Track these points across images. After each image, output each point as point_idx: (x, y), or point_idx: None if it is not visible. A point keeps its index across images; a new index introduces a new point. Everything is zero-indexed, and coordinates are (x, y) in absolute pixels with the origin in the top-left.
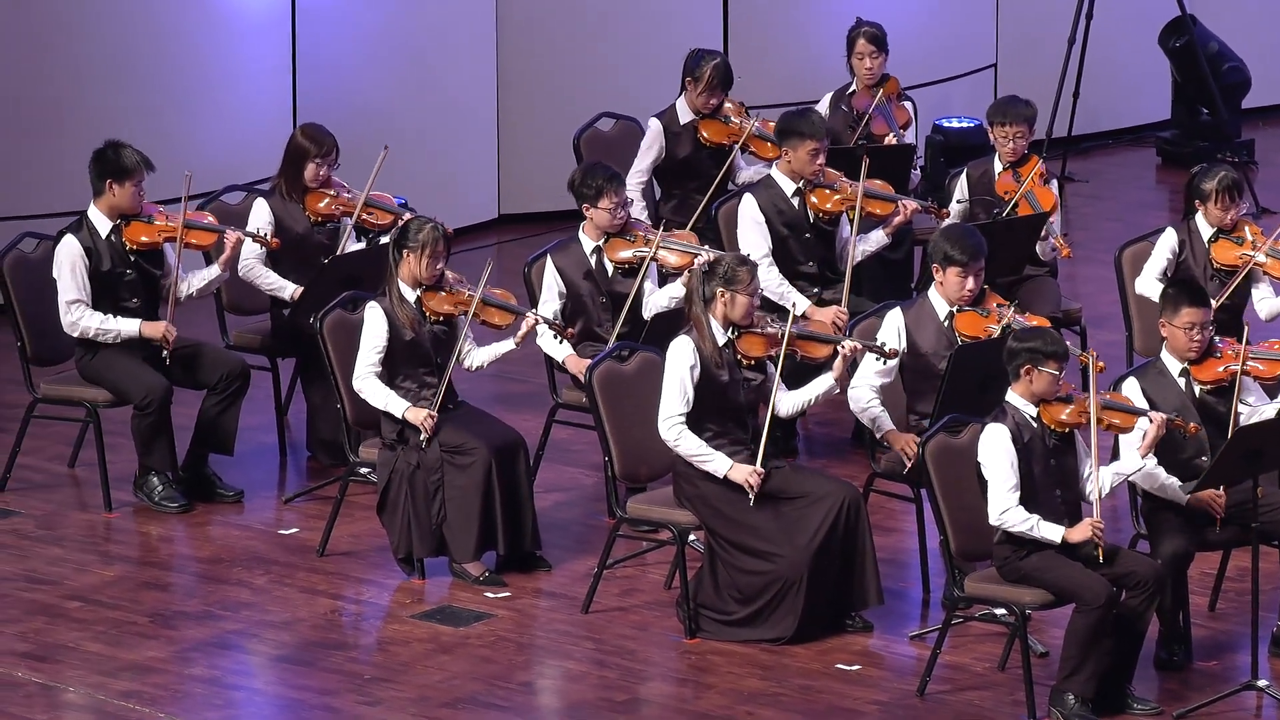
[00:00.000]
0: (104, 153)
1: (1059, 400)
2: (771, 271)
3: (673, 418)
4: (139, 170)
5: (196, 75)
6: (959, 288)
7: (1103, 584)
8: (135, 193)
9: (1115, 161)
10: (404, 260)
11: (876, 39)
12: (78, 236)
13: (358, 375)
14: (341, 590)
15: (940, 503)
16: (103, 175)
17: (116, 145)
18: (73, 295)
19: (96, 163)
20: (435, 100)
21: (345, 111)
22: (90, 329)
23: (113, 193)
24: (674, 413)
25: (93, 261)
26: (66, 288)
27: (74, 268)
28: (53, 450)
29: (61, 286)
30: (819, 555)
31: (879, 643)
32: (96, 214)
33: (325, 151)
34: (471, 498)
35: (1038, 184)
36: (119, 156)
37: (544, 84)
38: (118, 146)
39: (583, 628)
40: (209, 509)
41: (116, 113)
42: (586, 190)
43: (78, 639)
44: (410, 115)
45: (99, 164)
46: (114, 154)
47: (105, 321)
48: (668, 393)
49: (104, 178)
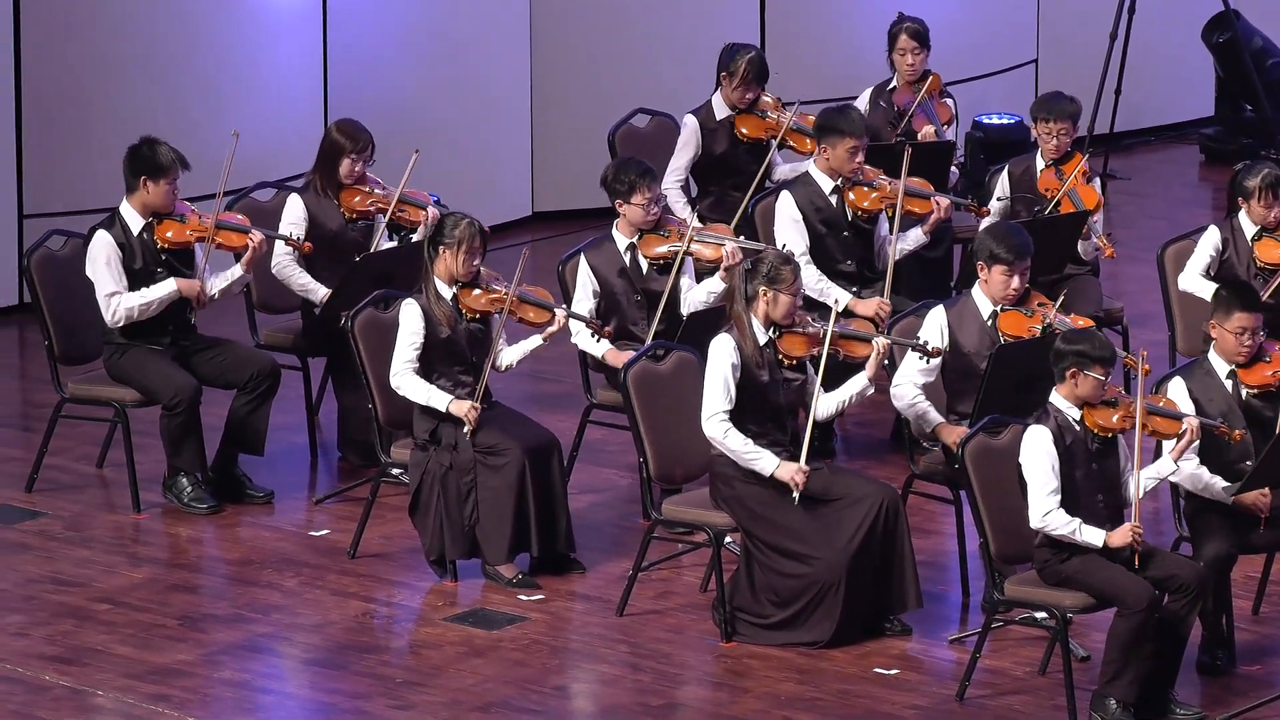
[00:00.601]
0: (140, 149)
1: (1103, 404)
2: (810, 269)
3: (718, 414)
4: (174, 169)
5: (227, 71)
6: (1003, 287)
7: (1145, 587)
8: (169, 191)
9: (1157, 159)
10: (440, 257)
11: (919, 35)
12: (110, 232)
13: (395, 372)
14: (373, 593)
15: (980, 504)
16: (137, 172)
17: (153, 142)
18: (110, 287)
19: (132, 159)
20: (468, 96)
21: (377, 107)
22: (134, 309)
23: (146, 190)
24: (718, 409)
25: (125, 257)
26: (104, 281)
27: (109, 260)
28: (80, 451)
29: (99, 281)
30: (857, 558)
31: (918, 646)
32: (129, 210)
33: (361, 148)
34: (505, 499)
35: (1081, 182)
36: (155, 154)
37: (578, 79)
38: (154, 143)
39: (617, 631)
40: (238, 510)
41: (146, 109)
42: (619, 186)
43: (106, 642)
44: (443, 111)
45: (134, 160)
46: (150, 151)
47: (143, 296)
48: (711, 389)
49: (138, 174)
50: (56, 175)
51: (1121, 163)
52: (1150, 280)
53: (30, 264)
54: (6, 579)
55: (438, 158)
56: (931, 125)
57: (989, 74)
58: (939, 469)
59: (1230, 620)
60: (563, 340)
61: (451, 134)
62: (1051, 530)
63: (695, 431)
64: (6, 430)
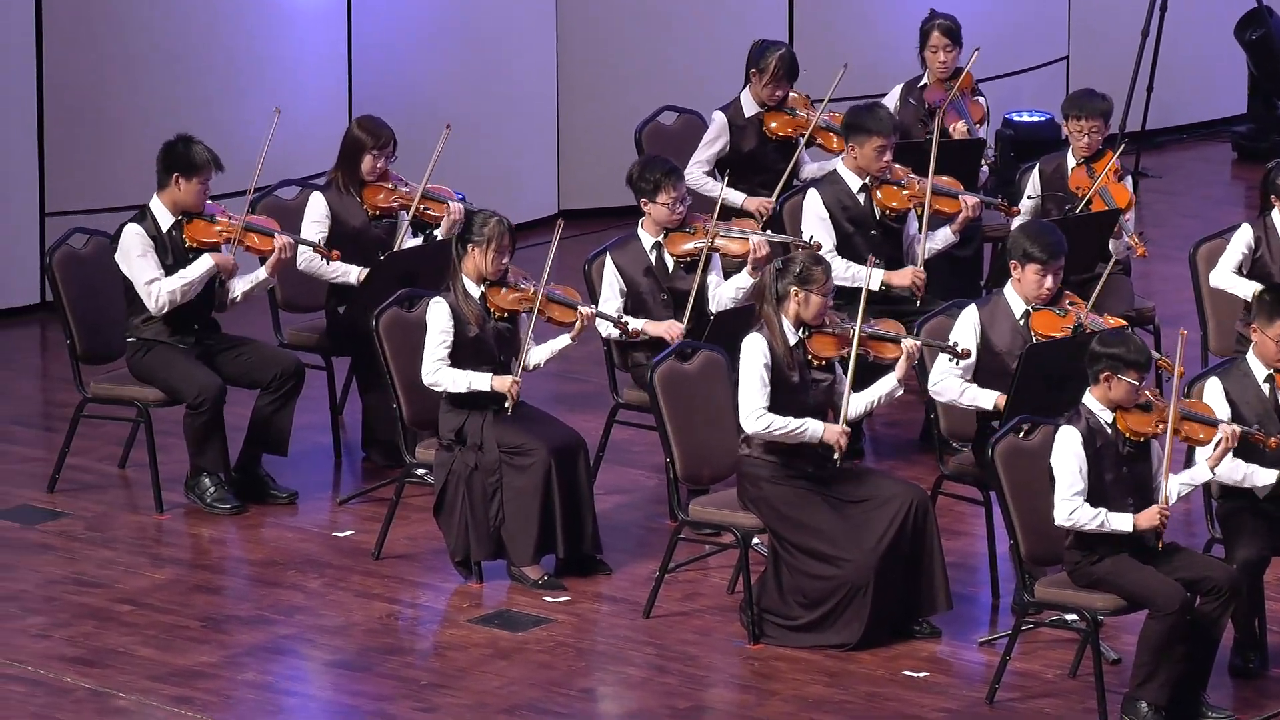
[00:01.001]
0: (174, 146)
1: (1137, 408)
2: (836, 260)
3: (756, 409)
4: (208, 168)
5: (250, 67)
6: (1037, 286)
7: (1177, 589)
8: (201, 190)
9: (1190, 157)
10: (468, 255)
11: (951, 32)
12: (142, 225)
13: (428, 370)
14: (397, 594)
15: (1010, 505)
16: (170, 169)
17: (188, 140)
18: (150, 274)
19: (166, 155)
20: (493, 92)
21: (401, 103)
22: (175, 291)
23: (178, 187)
24: (757, 405)
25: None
26: (141, 270)
27: (144, 251)
28: (103, 451)
29: (136, 272)
30: (886, 559)
31: (947, 649)
32: (159, 206)
33: (383, 144)
34: (530, 499)
35: (1112, 180)
36: (189, 151)
37: (605, 76)
38: (190, 141)
39: (644, 633)
40: (262, 511)
41: (168, 105)
42: (644, 185)
43: (128, 643)
44: (468, 108)
45: (168, 157)
46: (184, 148)
47: (183, 277)
48: (747, 388)
49: (171, 171)
50: (79, 172)
51: (1153, 161)
52: (1182, 279)
53: (52, 262)
54: (28, 580)
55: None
56: (963, 122)
57: (1019, 71)
58: (969, 470)
59: (1263, 622)
60: (589, 340)
61: (476, 131)
62: (1078, 525)
63: (723, 431)
64: (28, 430)
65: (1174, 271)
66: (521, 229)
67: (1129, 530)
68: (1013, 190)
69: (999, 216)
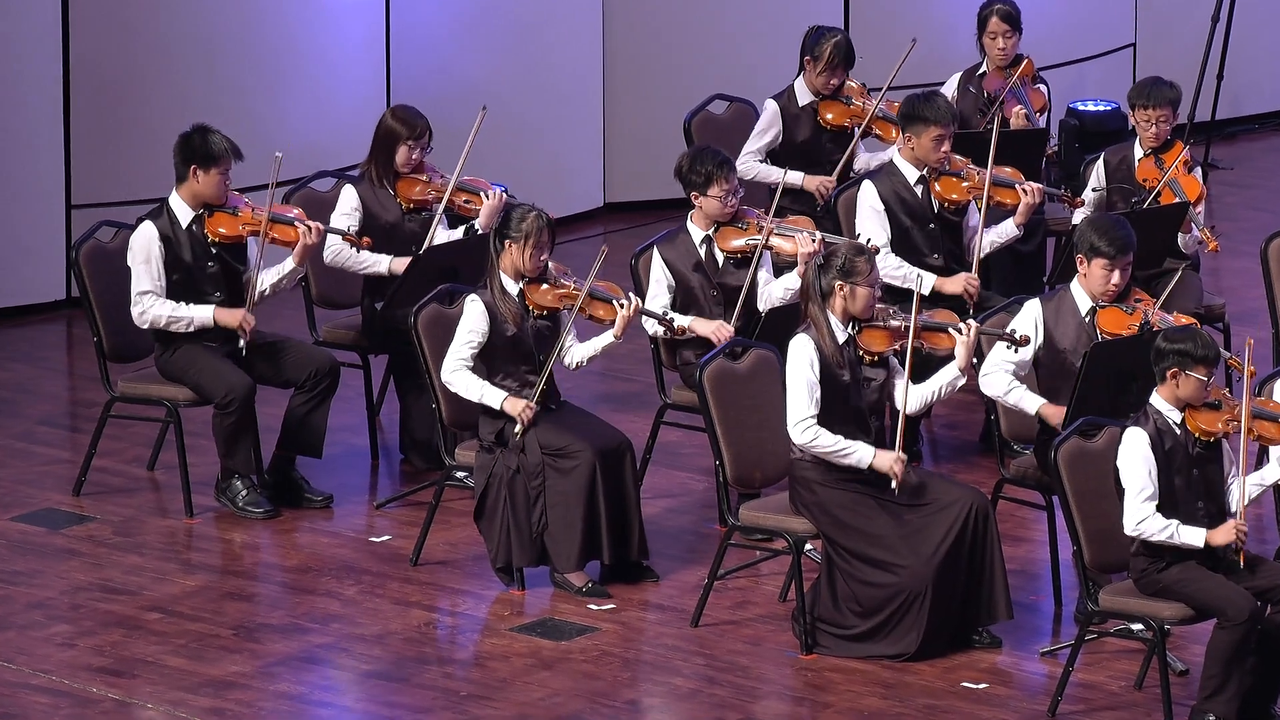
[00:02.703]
0: (190, 137)
1: (1206, 407)
2: (889, 257)
3: (804, 420)
4: (227, 158)
5: (285, 56)
6: (1104, 282)
7: (1247, 598)
8: (221, 181)
9: (1261, 147)
10: (506, 251)
11: (1011, 17)
12: (157, 224)
13: (448, 368)
14: (436, 602)
15: (1073, 511)
16: (188, 160)
17: (204, 129)
18: (145, 286)
19: (182, 147)
20: (537, 81)
21: (441, 92)
22: (161, 318)
23: (197, 179)
24: (805, 415)
25: (170, 251)
26: (139, 277)
27: (149, 257)
28: (131, 452)
29: (134, 276)
30: (944, 566)
31: (1008, 660)
32: (178, 201)
33: (418, 134)
34: (574, 503)
35: (1182, 171)
36: (206, 142)
37: (653, 63)
38: (205, 131)
39: (692, 642)
40: (296, 515)
41: (200, 94)
42: (695, 177)
43: (157, 653)
44: (510, 96)
45: (185, 148)
46: (201, 139)
47: (176, 309)
48: (795, 395)
49: (189, 163)
50: (106, 163)
51: (1224, 152)
52: (1253, 275)
53: (79, 256)
54: (53, 586)
55: (504, 145)
56: (1022, 108)
57: (1085, 58)
58: (1031, 473)
59: None
60: (635, 337)
61: (518, 120)
62: (1147, 536)
63: (774, 433)
64: (54, 431)
65: (1245, 267)
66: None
67: (1200, 546)
68: (1076, 182)
69: (1062, 209)
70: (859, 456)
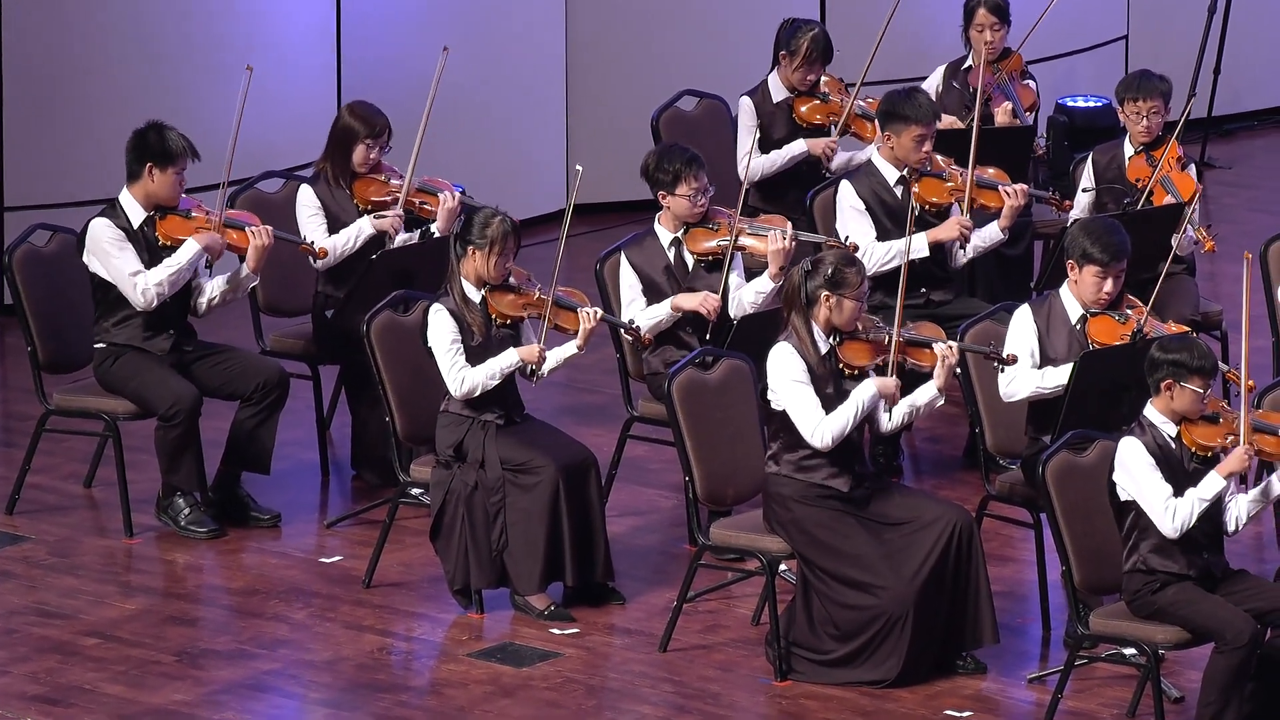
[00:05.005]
0: (146, 134)
1: (1203, 420)
2: (876, 246)
3: (820, 426)
4: (184, 157)
5: (230, 48)
6: (1096, 290)
7: (1246, 621)
8: (177, 182)
9: (1261, 145)
10: (468, 257)
11: (999, 9)
12: (110, 219)
13: (454, 381)
14: (390, 626)
15: (1063, 529)
16: (143, 159)
17: (161, 127)
18: (134, 266)
19: (138, 144)
20: (496, 76)
21: (396, 88)
22: (164, 281)
23: (151, 178)
24: (816, 420)
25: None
26: (122, 264)
27: (120, 241)
28: (67, 468)
29: (115, 267)
30: (927, 587)
31: (993, 686)
32: (130, 201)
33: (377, 133)
34: (536, 522)
35: (1175, 169)
36: (163, 139)
37: (618, 58)
38: (163, 129)
39: (660, 668)
40: (242, 534)
41: (141, 90)
42: (662, 175)
43: (95, 680)
44: (468, 93)
45: (140, 145)
46: (158, 136)
47: (166, 266)
48: (798, 405)
49: (144, 161)
50: (41, 164)
51: (1221, 150)
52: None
53: (12, 262)
54: None
55: (462, 144)
56: (1010, 104)
57: (1074, 51)
58: (1017, 489)
59: None
60: (601, 347)
61: (477, 118)
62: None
63: (747, 447)
64: None
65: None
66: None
67: (1223, 485)
68: (1066, 183)
69: (1050, 212)
70: (867, 401)
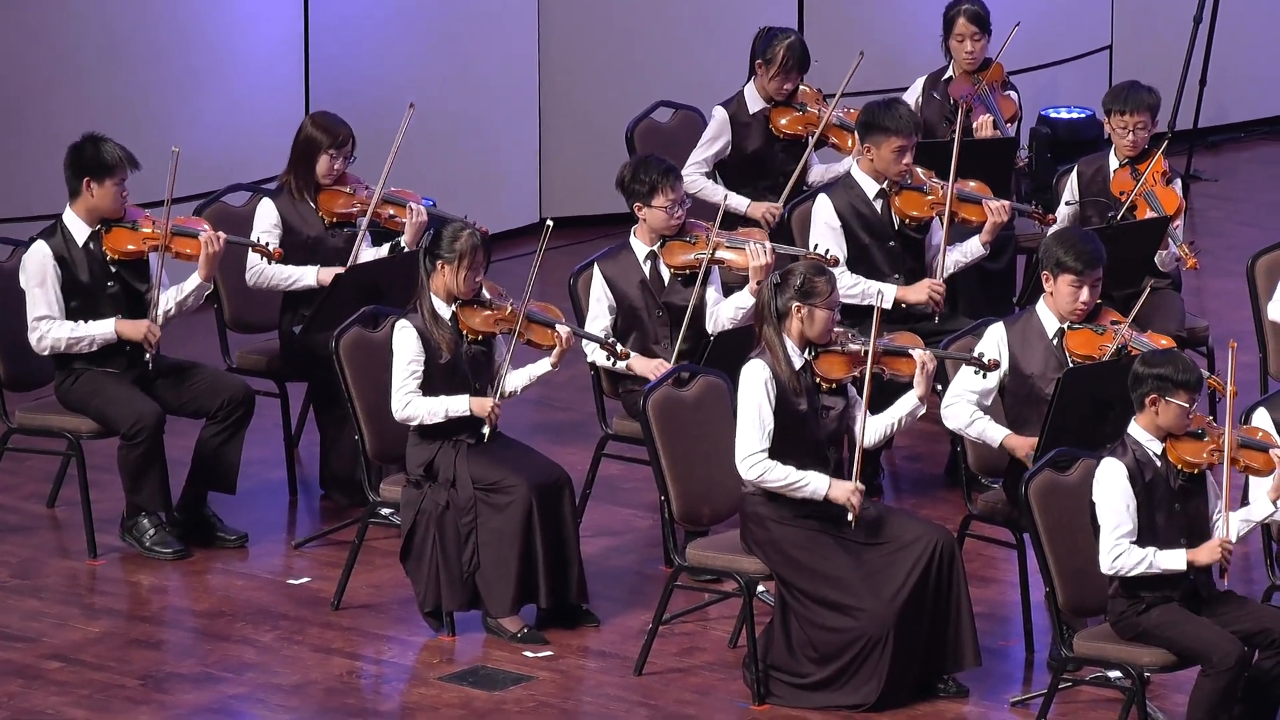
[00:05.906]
0: (81, 148)
1: (1188, 436)
2: (844, 275)
3: (753, 455)
4: (122, 168)
5: (195, 59)
6: (1072, 300)
7: (1233, 643)
8: (117, 193)
9: (1247, 158)
10: (438, 271)
11: (979, 19)
12: (50, 243)
13: (399, 405)
14: (359, 649)
15: (1046, 549)
16: (80, 173)
17: (95, 139)
18: (41, 311)
19: (74, 160)
20: (467, 86)
21: (364, 98)
22: (61, 341)
23: (91, 193)
24: (753, 449)
25: (67, 272)
26: (35, 302)
27: (44, 279)
28: (29, 488)
29: (30, 300)
30: (907, 609)
31: (975, 710)
32: (73, 218)
33: (340, 143)
34: (509, 542)
35: (1159, 183)
36: (99, 151)
37: (592, 68)
38: (97, 140)
39: (636, 692)
40: (208, 555)
41: (102, 102)
42: (638, 187)
43: (57, 704)
44: (439, 104)
45: (76, 161)
46: (93, 149)
47: (76, 329)
48: (745, 427)
49: (81, 176)
50: (4, 177)
51: (1206, 162)
52: (1239, 295)
53: None
54: None
55: (432, 156)
56: (990, 116)
57: (1057, 62)
58: (1000, 509)
59: None
60: (574, 364)
61: (448, 129)
62: (1125, 572)
63: (724, 466)
64: None
65: (1229, 287)
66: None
67: (1182, 568)
68: (1048, 195)
69: (1033, 225)
70: (814, 488)
